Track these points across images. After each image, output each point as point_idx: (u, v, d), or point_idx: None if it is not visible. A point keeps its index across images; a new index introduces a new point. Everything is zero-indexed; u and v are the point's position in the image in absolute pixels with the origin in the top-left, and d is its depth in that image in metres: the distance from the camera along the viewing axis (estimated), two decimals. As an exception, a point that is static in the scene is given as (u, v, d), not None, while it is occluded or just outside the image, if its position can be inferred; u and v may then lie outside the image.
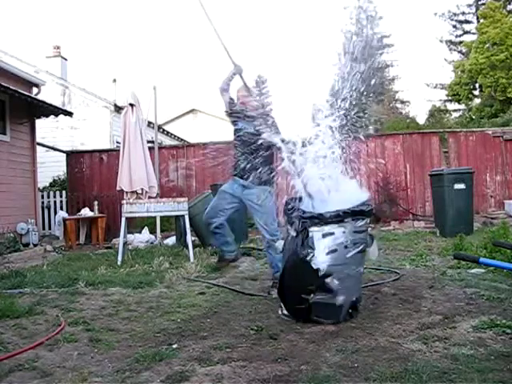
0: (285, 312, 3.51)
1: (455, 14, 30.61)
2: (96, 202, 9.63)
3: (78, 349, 2.93)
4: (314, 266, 3.22)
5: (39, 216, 10.21)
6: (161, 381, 2.42)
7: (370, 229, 3.63)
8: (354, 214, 3.36)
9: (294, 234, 3.38)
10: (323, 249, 3.24)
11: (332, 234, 3.28)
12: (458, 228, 7.50)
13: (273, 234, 4.36)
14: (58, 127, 13.76)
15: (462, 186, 8.03)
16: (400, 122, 22.39)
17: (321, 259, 3.23)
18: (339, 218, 3.29)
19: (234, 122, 4.63)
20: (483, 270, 4.73)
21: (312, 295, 3.26)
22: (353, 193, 3.64)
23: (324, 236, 3.27)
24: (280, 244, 3.98)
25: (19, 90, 8.32)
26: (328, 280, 3.23)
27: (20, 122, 9.38)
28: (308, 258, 3.23)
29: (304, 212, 3.35)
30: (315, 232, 3.27)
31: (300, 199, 3.72)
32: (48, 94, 11.53)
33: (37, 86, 10.26)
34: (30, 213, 9.41)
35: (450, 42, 30.82)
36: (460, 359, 2.52)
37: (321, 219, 3.28)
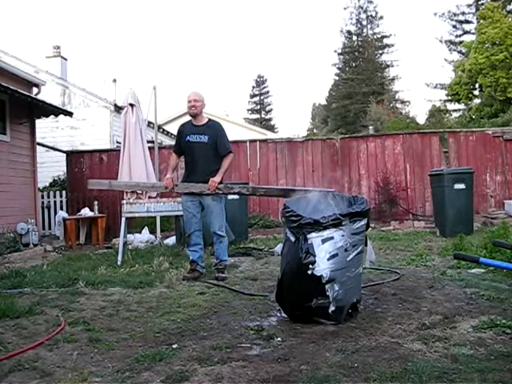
0: (284, 314, 3.51)
1: (455, 14, 30.65)
2: (96, 202, 9.63)
3: (78, 349, 2.93)
4: (317, 274, 3.19)
5: (39, 216, 10.19)
6: (161, 381, 2.42)
7: (369, 229, 3.61)
8: (352, 215, 3.35)
9: (293, 238, 3.34)
10: (324, 255, 3.22)
11: (331, 238, 3.25)
12: (458, 228, 7.52)
13: (220, 229, 5.06)
14: (58, 127, 13.75)
15: (461, 186, 8.03)
16: (400, 122, 22.37)
17: (323, 266, 3.20)
18: (337, 221, 3.28)
19: (185, 135, 5.19)
20: (483, 270, 4.73)
21: (314, 300, 3.24)
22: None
23: (324, 241, 3.24)
24: (278, 247, 3.98)
25: (19, 90, 8.30)
26: (330, 285, 3.21)
27: (20, 122, 9.37)
28: (310, 266, 3.20)
29: (302, 217, 3.31)
30: (314, 238, 3.24)
31: (298, 202, 3.71)
32: (48, 94, 11.52)
33: (37, 85, 10.25)
34: (29, 213, 9.39)
35: (450, 41, 30.85)
36: (460, 359, 2.52)
37: (319, 224, 3.25)
